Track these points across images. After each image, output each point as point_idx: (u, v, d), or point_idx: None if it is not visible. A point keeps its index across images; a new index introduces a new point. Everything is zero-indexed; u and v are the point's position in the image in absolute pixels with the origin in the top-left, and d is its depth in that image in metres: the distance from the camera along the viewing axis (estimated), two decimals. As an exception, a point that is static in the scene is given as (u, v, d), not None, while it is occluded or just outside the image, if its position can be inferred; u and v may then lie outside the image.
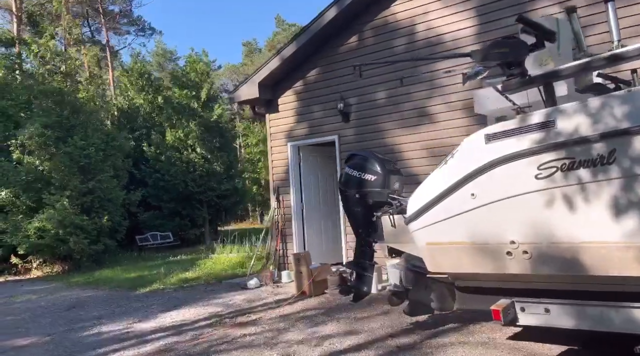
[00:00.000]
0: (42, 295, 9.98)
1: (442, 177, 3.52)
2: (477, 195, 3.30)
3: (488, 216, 3.28)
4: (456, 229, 3.45)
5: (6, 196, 13.70)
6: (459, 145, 3.44)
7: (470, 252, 3.43)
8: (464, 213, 3.38)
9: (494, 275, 3.43)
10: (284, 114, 8.73)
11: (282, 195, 8.78)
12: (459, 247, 3.49)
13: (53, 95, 14.72)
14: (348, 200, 4.51)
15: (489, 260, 3.36)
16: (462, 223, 3.41)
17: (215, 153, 19.22)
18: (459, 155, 3.42)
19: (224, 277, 9.50)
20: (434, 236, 3.61)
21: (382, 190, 4.23)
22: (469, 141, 3.38)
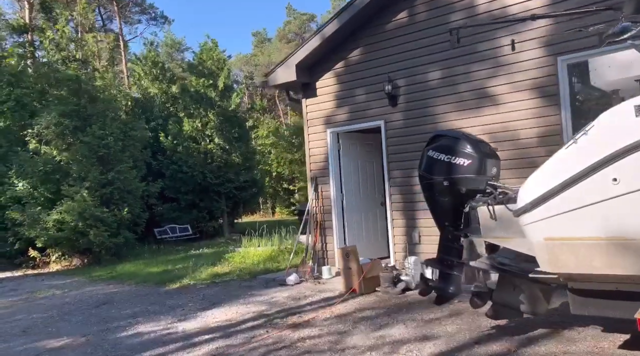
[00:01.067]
0: (65, 290, 9.54)
1: (570, 160, 2.95)
2: (621, 180, 2.73)
3: (635, 206, 2.71)
4: (589, 222, 2.88)
5: (24, 187, 13.27)
6: (594, 121, 2.86)
7: (607, 249, 2.86)
8: (601, 202, 2.82)
9: (636, 277, 2.86)
10: (322, 99, 8.15)
11: (320, 185, 8.23)
12: (591, 244, 2.92)
13: (69, 82, 14.22)
14: (432, 189, 3.94)
15: (634, 260, 2.79)
16: (598, 214, 2.84)
17: (233, 144, 18.69)
18: (596, 132, 2.84)
19: (257, 272, 9.00)
20: (556, 230, 3.04)
21: (477, 177, 3.66)
22: (611, 114, 2.80)
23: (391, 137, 7.33)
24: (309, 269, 7.91)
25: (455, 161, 3.72)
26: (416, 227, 7.08)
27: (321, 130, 8.18)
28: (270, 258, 10.14)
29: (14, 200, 13.43)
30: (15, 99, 14.84)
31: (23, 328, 6.49)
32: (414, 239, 7.04)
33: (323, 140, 8.17)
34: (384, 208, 8.69)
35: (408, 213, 7.17)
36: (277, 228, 13.60)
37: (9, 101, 14.80)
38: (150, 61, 22.31)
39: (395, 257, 7.28)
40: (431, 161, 3.91)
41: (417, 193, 7.04)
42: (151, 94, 21.26)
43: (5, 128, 14.93)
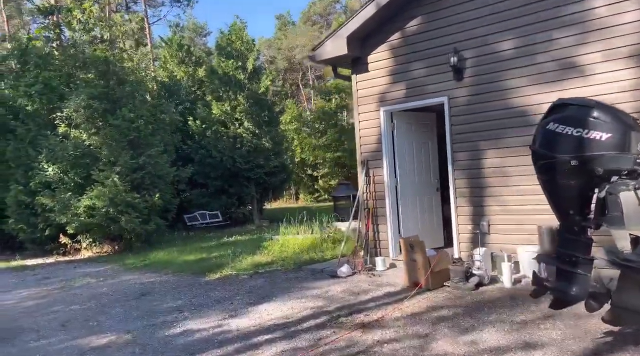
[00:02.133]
0: (100, 279, 9.14)
1: None
2: None
3: None
4: None
5: (54, 172, 12.93)
6: None
7: None
8: None
9: None
10: (374, 74, 7.45)
11: (371, 169, 7.57)
12: None
13: (98, 64, 13.76)
14: (553, 170, 3.24)
15: None
16: None
17: (263, 128, 18.10)
18: None
19: (302, 262, 8.43)
20: None
21: (620, 154, 2.96)
22: None
23: (456, 115, 6.61)
24: (361, 260, 7.31)
25: (590, 135, 3.02)
26: (485, 215, 6.39)
27: (373, 109, 7.50)
28: (313, 247, 9.57)
29: (44, 185, 13.13)
30: (43, 82, 14.44)
31: (62, 321, 6.06)
32: (483, 228, 6.36)
33: (375, 119, 7.49)
34: (439, 194, 8.04)
35: (475, 199, 6.48)
36: (307, 215, 13.05)
37: (37, 84, 14.42)
38: (176, 44, 21.78)
39: (460, 248, 6.62)
40: (552, 136, 3.21)
41: (486, 178, 6.35)
42: (177, 78, 20.75)
43: (34, 111, 14.59)
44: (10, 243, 15.61)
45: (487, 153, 6.31)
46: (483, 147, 6.35)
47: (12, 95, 15.25)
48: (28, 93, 14.54)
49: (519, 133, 5.99)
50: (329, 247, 9.39)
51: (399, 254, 7.44)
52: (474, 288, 5.59)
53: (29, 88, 14.46)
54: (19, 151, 13.89)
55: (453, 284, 5.73)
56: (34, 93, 14.46)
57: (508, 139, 6.12)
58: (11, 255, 14.37)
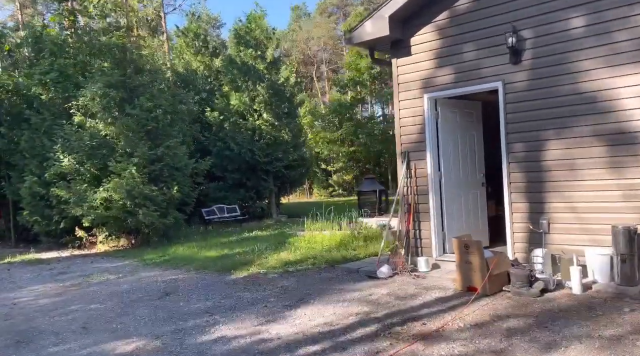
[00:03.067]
0: (119, 275, 8.68)
1: None
2: None
3: None
4: None
5: (69, 163, 12.50)
6: None
7: None
8: None
9: None
10: (418, 58, 6.85)
11: (413, 161, 6.98)
12: None
13: (115, 51, 13.30)
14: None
15: None
16: None
17: (282, 120, 17.54)
18: None
19: (334, 261, 7.87)
20: None
21: None
22: None
23: (512, 102, 5.99)
24: (402, 260, 6.73)
25: None
26: (544, 213, 5.78)
27: (416, 96, 6.90)
28: (342, 245, 9.02)
29: (59, 176, 12.72)
30: (58, 70, 14.03)
31: (82, 322, 5.58)
32: (542, 227, 5.75)
33: (418, 107, 6.89)
34: (485, 190, 7.43)
35: (533, 195, 5.87)
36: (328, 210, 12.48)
37: (52, 72, 14.01)
38: (192, 33, 21.29)
39: (514, 248, 6.02)
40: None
41: (547, 171, 5.74)
42: (194, 68, 20.26)
43: (49, 100, 14.18)
44: (25, 235, 15.29)
45: (549, 143, 5.69)
46: (544, 137, 5.73)
47: (26, 83, 14.86)
48: (43, 82, 14.14)
49: (589, 121, 5.36)
50: (360, 244, 8.82)
51: (442, 254, 6.87)
52: (539, 294, 4.99)
53: (44, 76, 14.05)
54: (33, 141, 13.51)
55: (514, 289, 5.14)
56: (49, 82, 14.05)
57: (575, 128, 5.50)
58: (25, 248, 14.02)
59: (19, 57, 16.30)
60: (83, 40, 14.18)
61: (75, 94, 13.61)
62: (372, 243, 8.80)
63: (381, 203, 13.07)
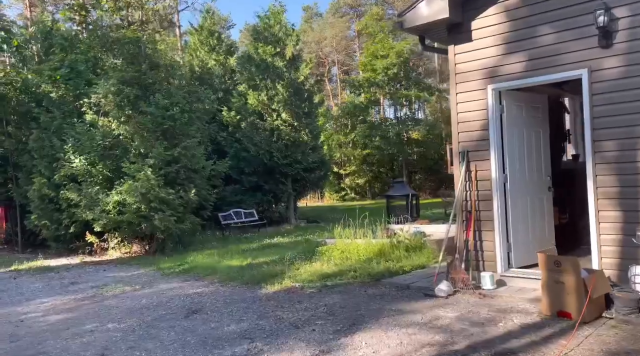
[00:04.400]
0: (136, 286, 7.88)
1: None
2: None
3: None
4: None
5: (80, 164, 11.74)
6: None
7: None
8: None
9: None
10: (480, 44, 6.00)
11: (473, 162, 6.13)
12: None
13: (129, 46, 12.55)
14: None
15: None
16: None
17: (302, 120, 16.73)
18: None
19: (377, 274, 7.00)
20: None
21: None
22: None
23: (601, 93, 5.12)
24: (463, 275, 5.86)
25: None
26: (642, 222, 4.90)
27: (477, 87, 6.05)
28: (381, 255, 8.15)
29: (69, 178, 11.97)
30: (69, 66, 13.31)
31: (100, 348, 4.76)
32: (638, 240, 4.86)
33: (481, 100, 6.04)
34: (551, 194, 6.55)
35: (627, 202, 4.99)
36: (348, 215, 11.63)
37: (63, 68, 13.29)
38: (207, 30, 20.56)
39: (602, 264, 5.13)
40: None
41: (647, 173, 4.86)
42: (208, 66, 19.51)
43: (59, 98, 13.46)
44: (32, 240, 14.55)
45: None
46: (643, 133, 4.86)
47: (35, 80, 14.16)
48: (53, 78, 13.42)
49: None
50: (401, 255, 7.96)
51: (507, 268, 6.00)
52: (654, 322, 4.12)
53: (54, 72, 13.33)
54: (42, 141, 12.78)
55: (619, 316, 4.26)
56: (59, 78, 13.33)
57: (685, 123, 4.63)
58: (33, 254, 13.27)
59: (27, 53, 15.62)
60: (96, 35, 13.44)
61: (86, 91, 12.88)
62: (416, 253, 7.94)
63: (413, 208, 12.20)
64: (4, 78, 14.03)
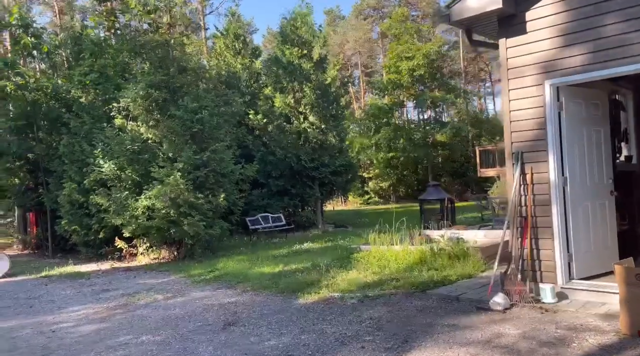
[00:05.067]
0: (167, 294, 7.63)
1: None
2: None
3: None
4: None
5: (110, 169, 11.63)
6: None
7: None
8: None
9: None
10: (535, 36, 5.56)
11: (529, 164, 5.67)
12: None
13: (157, 49, 12.44)
14: None
15: None
16: None
17: (330, 123, 16.40)
18: None
19: (421, 284, 6.58)
20: None
21: None
22: None
23: (678, 87, 4.64)
24: (519, 287, 5.41)
25: None
26: None
27: (533, 83, 5.60)
28: (422, 263, 7.73)
29: (99, 183, 11.88)
30: (98, 71, 13.29)
31: (135, 365, 4.48)
32: None
33: (537, 97, 5.59)
34: (613, 199, 6.04)
35: None
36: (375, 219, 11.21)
37: (92, 73, 13.27)
38: (232, 34, 20.45)
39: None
40: None
41: None
42: (234, 70, 19.38)
43: (89, 103, 13.44)
44: (62, 245, 14.56)
45: None
46: None
47: (65, 86, 14.20)
48: (82, 83, 13.42)
49: None
50: (444, 263, 7.52)
51: (568, 280, 5.51)
52: None
53: (84, 77, 13.33)
54: (72, 146, 12.75)
55: None
56: (89, 83, 13.31)
57: None
58: (63, 259, 13.26)
59: (57, 59, 15.72)
60: (125, 39, 13.39)
61: (115, 96, 12.83)
62: (460, 262, 7.49)
63: (448, 213, 11.72)
64: (35, 84, 14.10)
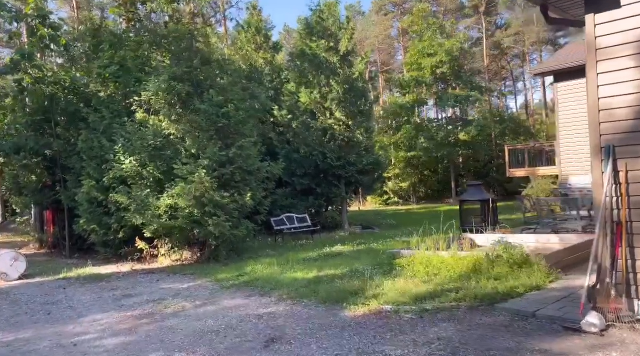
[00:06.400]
0: (196, 302, 6.96)
1: None
2: None
3: None
4: None
5: (130, 165, 11.02)
6: None
7: None
8: None
9: None
10: (634, 9, 4.75)
11: (622, 160, 4.86)
12: None
13: (179, 40, 11.81)
14: None
15: None
16: None
17: (357, 119, 15.63)
18: None
19: (487, 297, 5.79)
20: None
21: None
22: None
23: None
24: (616, 304, 4.61)
25: None
26: None
27: (630, 64, 4.79)
28: (477, 271, 6.93)
29: (119, 180, 11.28)
30: (118, 63, 12.71)
31: (170, 394, 3.78)
32: None
33: (632, 81, 4.78)
34: None
35: None
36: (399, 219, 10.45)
37: (112, 65, 12.70)
38: (254, 27, 19.80)
39: None
40: None
41: None
42: (256, 64, 18.71)
43: (108, 97, 12.87)
44: (79, 244, 14.01)
45: None
46: None
47: (83, 80, 13.65)
48: (101, 76, 12.85)
49: None
50: (503, 271, 6.71)
51: (671, 295, 4.69)
52: None
53: (103, 70, 12.75)
54: (91, 141, 12.17)
55: None
56: (108, 76, 12.74)
57: None
58: (81, 259, 12.71)
59: (75, 52, 15.19)
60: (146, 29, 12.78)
61: (136, 89, 12.23)
62: (522, 270, 6.67)
63: (489, 215, 10.89)
64: (52, 77, 13.58)
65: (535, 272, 6.51)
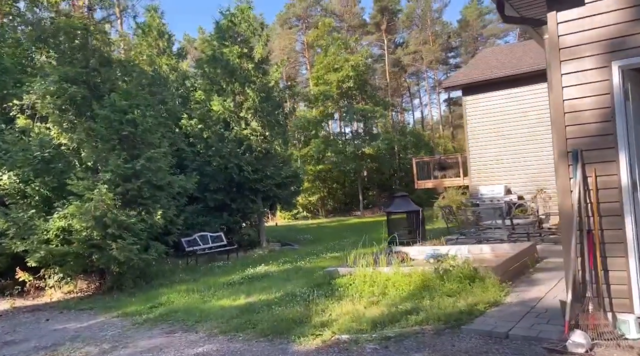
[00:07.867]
0: (104, 346, 5.62)
1: None
2: None
3: None
4: None
5: (9, 181, 9.14)
6: None
7: None
8: None
9: None
10: (598, 7, 4.55)
11: (591, 165, 4.62)
12: None
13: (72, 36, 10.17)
14: None
15: None
16: None
17: (275, 129, 14.81)
18: None
19: (450, 317, 5.24)
20: None
21: None
22: None
23: None
24: (597, 320, 4.27)
25: None
26: None
27: (595, 65, 4.58)
28: (426, 288, 6.43)
29: (-6, 200, 9.32)
30: (-8, 61, 10.67)
31: None
32: None
33: (600, 82, 4.56)
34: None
35: None
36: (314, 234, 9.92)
37: (-17, 64, 10.63)
38: (156, 30, 18.23)
39: None
40: None
41: None
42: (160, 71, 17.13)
43: (-21, 100, 10.73)
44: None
45: None
46: None
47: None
48: (-29, 75, 10.70)
49: None
50: (455, 287, 6.27)
51: (645, 306, 4.47)
52: None
53: (-27, 67, 10.63)
54: (-43, 153, 9.97)
55: None
56: (-21, 76, 10.64)
57: None
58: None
59: None
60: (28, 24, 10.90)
61: (16, 92, 10.32)
62: (473, 285, 6.27)
63: (419, 227, 10.64)
64: None
65: (488, 287, 6.15)
